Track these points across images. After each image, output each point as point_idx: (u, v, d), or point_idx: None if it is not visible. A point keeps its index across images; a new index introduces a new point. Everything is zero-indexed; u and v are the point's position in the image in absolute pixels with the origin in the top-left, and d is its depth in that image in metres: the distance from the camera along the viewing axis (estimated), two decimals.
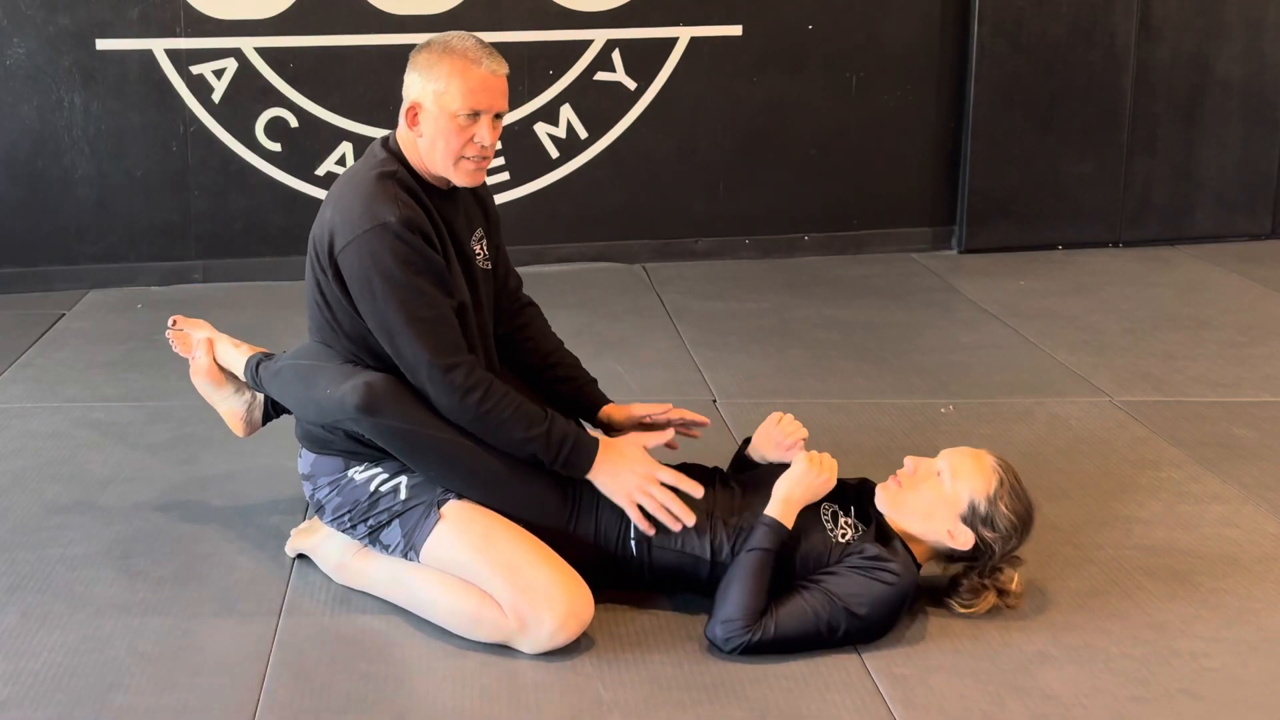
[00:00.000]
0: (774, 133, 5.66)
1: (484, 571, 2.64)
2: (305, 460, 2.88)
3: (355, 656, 2.61)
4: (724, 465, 2.99)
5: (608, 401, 3.02)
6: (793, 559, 2.67)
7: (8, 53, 5.00)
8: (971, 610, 2.73)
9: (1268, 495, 3.38)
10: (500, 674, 2.54)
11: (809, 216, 5.78)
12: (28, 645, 2.63)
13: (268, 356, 3.03)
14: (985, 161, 5.73)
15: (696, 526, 2.71)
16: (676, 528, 2.70)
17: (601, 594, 2.72)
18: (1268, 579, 2.95)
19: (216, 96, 5.16)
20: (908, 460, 2.78)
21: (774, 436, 2.91)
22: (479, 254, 2.89)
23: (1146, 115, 5.82)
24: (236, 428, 3.16)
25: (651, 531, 2.71)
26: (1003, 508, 2.68)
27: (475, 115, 2.69)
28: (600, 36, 5.41)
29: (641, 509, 2.71)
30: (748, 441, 3.01)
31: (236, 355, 3.08)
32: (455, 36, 2.73)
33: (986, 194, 5.77)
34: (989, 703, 2.47)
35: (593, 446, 2.73)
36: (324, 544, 2.92)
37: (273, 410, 3.16)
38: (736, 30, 5.53)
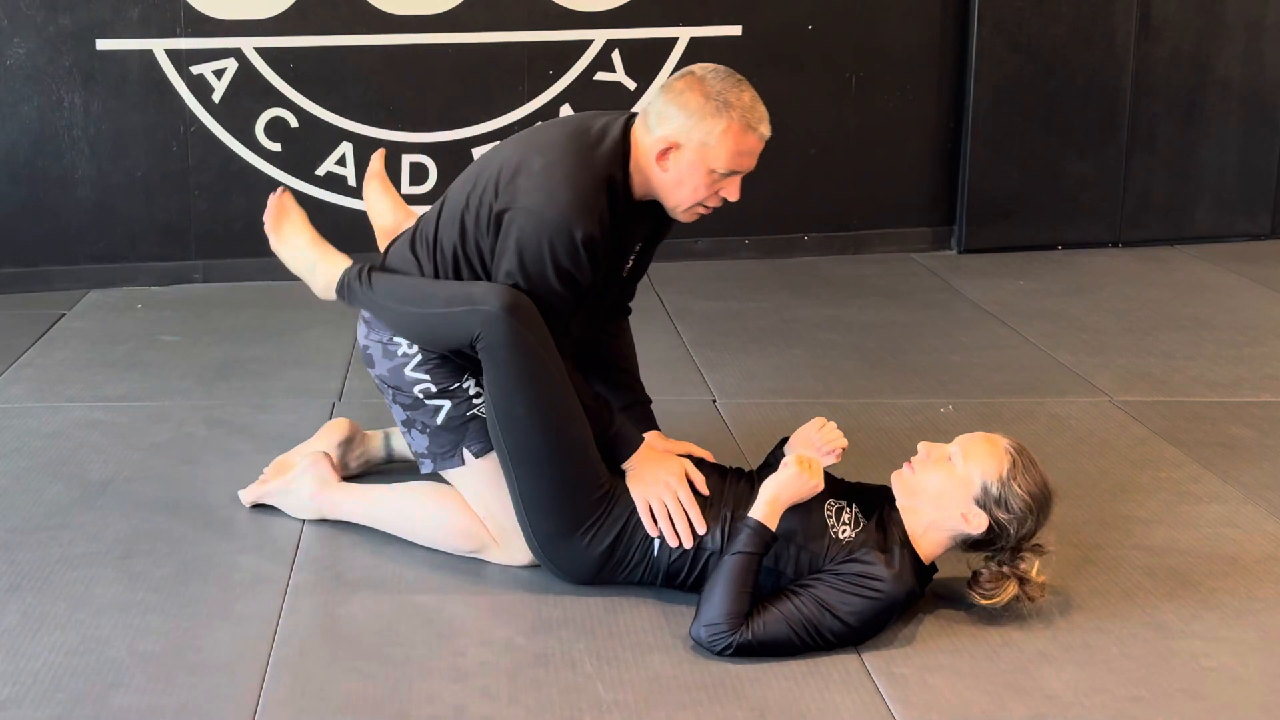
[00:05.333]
0: (774, 133, 5.61)
1: (494, 498, 2.77)
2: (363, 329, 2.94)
3: (355, 656, 2.60)
4: (724, 464, 2.99)
5: (655, 428, 3.05)
6: (792, 552, 2.67)
7: (8, 53, 5.00)
8: (993, 600, 2.69)
9: (1268, 495, 3.38)
10: (500, 674, 2.54)
11: (809, 216, 5.77)
12: (28, 645, 2.62)
13: (361, 271, 2.93)
14: (985, 161, 5.73)
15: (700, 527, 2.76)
16: (674, 541, 2.74)
17: (602, 593, 2.72)
18: (1268, 579, 2.95)
19: (216, 96, 5.16)
20: (921, 446, 2.77)
21: (813, 441, 2.89)
22: (628, 265, 2.92)
23: (1146, 115, 5.82)
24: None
25: (655, 533, 2.75)
26: (1016, 487, 2.67)
27: (732, 174, 2.70)
28: (600, 36, 5.41)
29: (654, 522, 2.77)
30: (784, 441, 3.00)
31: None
32: (733, 89, 2.69)
33: (986, 194, 5.77)
34: (989, 703, 2.47)
35: (634, 441, 2.82)
36: (298, 479, 3.01)
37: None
38: (736, 30, 5.52)
